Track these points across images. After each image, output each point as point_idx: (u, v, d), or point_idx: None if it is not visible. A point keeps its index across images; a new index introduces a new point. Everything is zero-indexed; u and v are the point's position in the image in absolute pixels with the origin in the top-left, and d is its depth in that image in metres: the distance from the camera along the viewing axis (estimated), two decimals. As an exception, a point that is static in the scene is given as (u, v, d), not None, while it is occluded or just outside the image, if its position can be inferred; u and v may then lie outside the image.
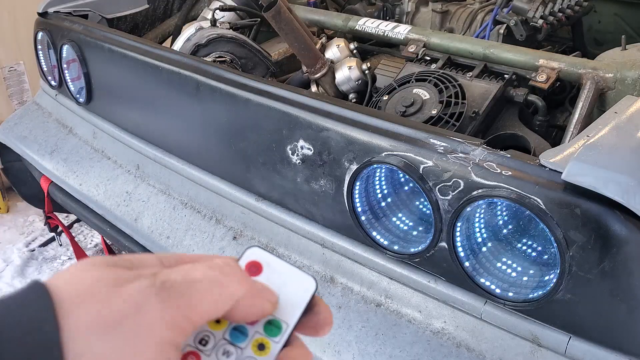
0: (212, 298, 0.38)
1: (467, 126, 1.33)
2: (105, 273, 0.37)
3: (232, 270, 0.41)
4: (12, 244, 2.67)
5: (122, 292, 0.35)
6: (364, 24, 1.75)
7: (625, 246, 0.87)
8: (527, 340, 1.02)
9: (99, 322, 0.34)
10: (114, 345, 0.34)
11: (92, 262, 0.38)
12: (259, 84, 1.30)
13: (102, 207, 1.68)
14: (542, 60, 1.41)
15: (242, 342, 0.41)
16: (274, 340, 0.41)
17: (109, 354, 0.34)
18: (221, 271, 0.40)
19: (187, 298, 0.37)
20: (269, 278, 0.43)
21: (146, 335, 0.35)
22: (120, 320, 0.35)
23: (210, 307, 0.38)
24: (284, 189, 1.30)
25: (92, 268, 0.37)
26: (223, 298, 0.39)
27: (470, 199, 0.98)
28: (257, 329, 0.42)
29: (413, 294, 1.15)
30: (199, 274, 0.39)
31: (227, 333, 0.41)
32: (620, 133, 0.97)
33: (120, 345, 0.34)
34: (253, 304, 0.41)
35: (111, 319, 0.35)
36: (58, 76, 1.86)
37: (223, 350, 0.40)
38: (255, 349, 0.41)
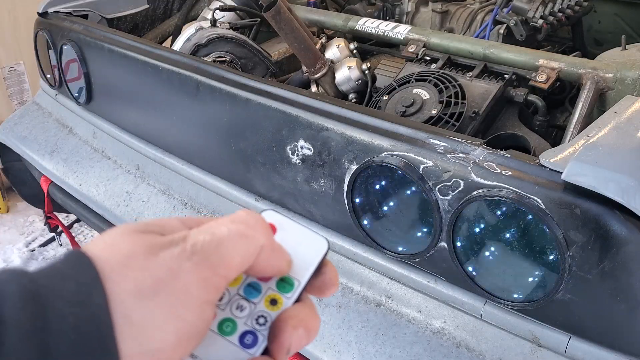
0: (240, 251, 0.40)
1: (467, 126, 1.33)
2: (140, 240, 0.38)
3: (256, 221, 0.42)
4: (12, 244, 2.67)
5: (157, 259, 0.37)
6: (364, 24, 1.75)
7: (625, 246, 0.87)
8: (527, 340, 1.02)
9: (140, 288, 0.36)
10: (157, 309, 0.36)
11: (126, 229, 0.39)
12: (259, 84, 1.30)
13: (102, 207, 1.67)
14: (542, 60, 1.41)
15: (255, 298, 0.42)
16: (286, 296, 0.43)
17: (153, 317, 0.36)
18: (245, 223, 0.41)
19: (217, 256, 0.38)
20: (282, 239, 0.45)
21: (184, 298, 0.37)
22: (158, 286, 0.36)
23: (239, 260, 0.40)
24: (284, 189, 1.30)
25: (126, 235, 0.38)
26: (250, 249, 0.40)
27: (470, 199, 0.98)
28: (270, 286, 0.43)
29: (413, 294, 1.15)
30: (224, 229, 0.40)
31: (241, 289, 0.43)
32: (620, 133, 0.97)
33: (163, 308, 0.36)
34: (272, 257, 0.42)
35: (150, 285, 0.36)
36: (58, 76, 1.86)
37: (237, 304, 0.42)
38: (268, 303, 0.42)
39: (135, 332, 0.35)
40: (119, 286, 0.35)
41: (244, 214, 0.42)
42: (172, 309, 0.36)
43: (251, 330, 0.41)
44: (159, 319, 0.36)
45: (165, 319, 0.36)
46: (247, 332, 0.41)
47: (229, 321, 0.41)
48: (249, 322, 0.42)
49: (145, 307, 0.35)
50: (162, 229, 0.40)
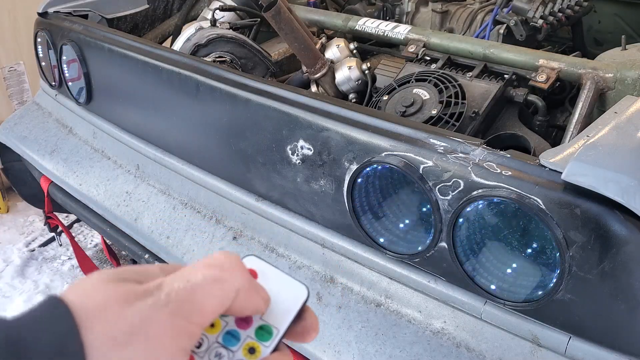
0: (214, 297, 0.40)
1: (467, 126, 1.33)
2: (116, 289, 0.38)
3: (232, 264, 0.42)
4: (12, 244, 2.67)
5: (132, 309, 0.37)
6: (364, 24, 1.75)
7: (625, 246, 0.87)
8: (527, 340, 1.02)
9: (115, 336, 0.36)
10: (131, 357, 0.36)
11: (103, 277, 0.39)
12: (259, 84, 1.30)
13: (102, 207, 1.67)
14: (542, 60, 1.41)
15: (234, 346, 0.43)
16: (265, 344, 0.43)
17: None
18: (221, 267, 0.41)
19: (191, 304, 0.39)
20: (263, 285, 0.45)
21: (158, 346, 0.37)
22: (132, 334, 0.37)
23: (214, 306, 0.40)
24: (284, 189, 1.30)
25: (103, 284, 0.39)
26: (225, 294, 0.41)
27: (470, 199, 0.98)
28: (249, 334, 0.43)
29: (413, 294, 1.15)
30: (199, 275, 0.40)
31: (220, 337, 0.43)
32: (620, 133, 0.97)
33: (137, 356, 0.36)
34: (249, 298, 0.42)
35: (125, 333, 0.36)
36: (58, 76, 1.86)
37: (215, 352, 0.42)
38: (246, 352, 0.43)
39: None
40: (94, 334, 0.36)
41: (221, 256, 0.42)
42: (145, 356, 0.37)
43: None
44: None
45: None
46: None
47: None
48: None
49: (119, 355, 0.36)
50: (138, 275, 0.40)
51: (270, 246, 1.36)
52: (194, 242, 1.46)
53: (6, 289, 2.37)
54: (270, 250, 1.35)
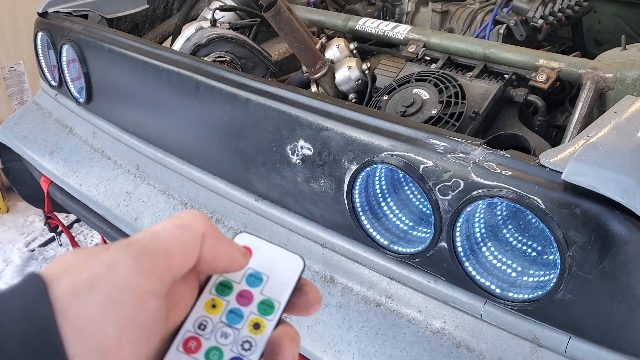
0: (177, 240, 0.40)
1: (467, 126, 1.33)
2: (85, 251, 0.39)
3: (191, 214, 0.43)
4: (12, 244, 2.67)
5: (96, 259, 0.38)
6: (364, 24, 1.75)
7: (625, 246, 0.87)
8: (527, 340, 1.02)
9: (75, 285, 0.36)
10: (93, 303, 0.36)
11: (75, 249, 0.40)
12: (259, 84, 1.30)
13: (102, 207, 1.68)
14: (542, 60, 1.41)
15: (238, 324, 0.43)
16: (268, 318, 0.43)
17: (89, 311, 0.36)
18: (180, 217, 0.42)
19: (154, 245, 0.39)
20: (258, 260, 0.46)
21: (122, 289, 0.37)
22: (94, 280, 0.36)
23: (179, 251, 0.40)
24: (284, 189, 1.30)
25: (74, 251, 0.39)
26: (187, 237, 0.41)
27: (470, 199, 0.98)
28: (252, 310, 0.44)
29: (413, 294, 1.15)
30: (159, 226, 0.41)
31: (223, 316, 0.44)
32: (620, 133, 0.97)
33: (99, 301, 0.36)
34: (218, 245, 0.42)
35: (86, 280, 0.36)
36: (58, 76, 1.86)
37: (221, 332, 0.43)
38: (251, 328, 0.43)
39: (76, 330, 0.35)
40: (58, 289, 0.36)
41: (183, 212, 0.43)
42: (108, 301, 0.36)
43: (237, 357, 0.42)
44: (94, 312, 0.36)
45: (101, 311, 0.36)
46: (233, 358, 0.42)
47: (215, 350, 0.42)
48: (234, 349, 0.42)
49: (80, 303, 0.36)
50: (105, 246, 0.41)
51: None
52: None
53: (6, 289, 2.37)
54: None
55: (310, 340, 1.16)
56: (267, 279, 0.45)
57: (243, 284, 0.45)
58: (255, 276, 0.45)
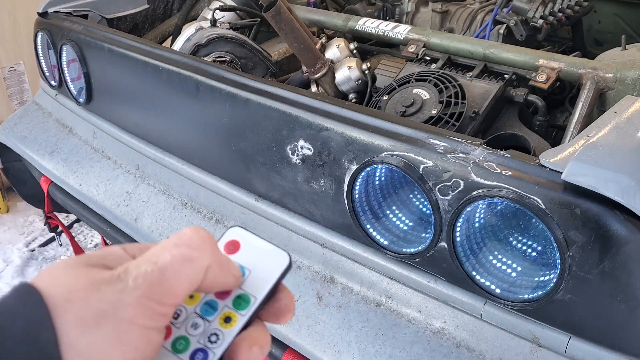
0: (184, 277, 0.40)
1: (467, 126, 1.33)
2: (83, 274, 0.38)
3: (201, 240, 0.42)
4: (12, 244, 2.67)
5: (99, 294, 0.38)
6: (364, 24, 1.75)
7: (625, 246, 0.87)
8: (527, 340, 1.02)
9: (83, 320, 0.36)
10: (102, 339, 0.37)
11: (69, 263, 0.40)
12: (259, 84, 1.30)
13: (102, 207, 1.67)
14: (542, 60, 1.41)
15: (210, 316, 0.43)
16: (241, 313, 0.43)
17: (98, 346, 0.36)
18: (189, 245, 0.41)
19: (161, 287, 0.39)
20: (245, 255, 0.46)
21: (129, 327, 0.37)
22: (101, 318, 0.37)
23: (184, 285, 0.40)
24: (284, 189, 1.30)
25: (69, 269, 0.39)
26: (195, 273, 0.41)
27: (470, 199, 0.98)
28: (227, 303, 0.44)
29: (413, 294, 1.15)
30: (167, 256, 0.40)
31: (198, 307, 0.44)
32: (620, 133, 0.97)
33: (108, 338, 0.37)
34: (219, 274, 0.42)
35: (93, 317, 0.37)
36: (58, 76, 1.86)
37: (192, 322, 0.43)
38: (222, 321, 0.43)
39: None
40: (63, 320, 0.36)
41: (189, 232, 0.42)
42: (117, 338, 0.37)
43: (202, 348, 0.42)
44: (104, 348, 0.37)
45: (110, 347, 0.37)
46: (198, 349, 0.42)
47: (182, 339, 0.42)
48: (201, 340, 0.42)
49: (89, 338, 0.36)
50: (104, 260, 0.41)
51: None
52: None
53: (6, 289, 2.37)
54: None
55: (310, 340, 1.16)
56: (249, 274, 0.45)
57: None
58: None
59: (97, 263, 0.40)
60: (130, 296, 0.38)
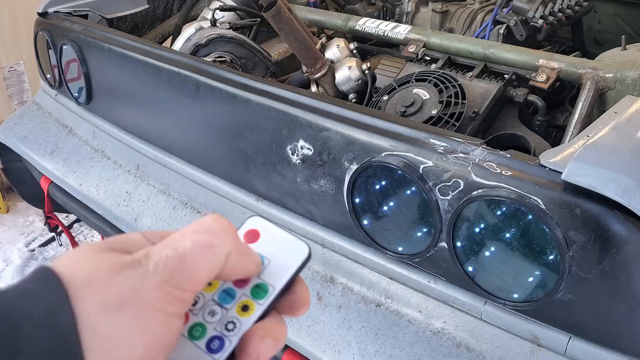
0: (205, 263, 0.40)
1: (467, 126, 1.33)
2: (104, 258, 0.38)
3: (221, 228, 0.42)
4: (12, 244, 2.67)
5: (120, 278, 0.38)
6: (364, 24, 1.75)
7: (625, 246, 0.87)
8: (527, 340, 1.02)
9: (105, 305, 0.36)
10: (123, 323, 0.37)
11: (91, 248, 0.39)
12: (259, 84, 1.30)
13: (102, 207, 1.67)
14: (542, 60, 1.41)
15: (228, 304, 0.43)
16: (259, 302, 0.43)
17: (120, 331, 0.36)
18: (209, 232, 0.41)
19: (181, 272, 0.39)
20: (265, 244, 0.46)
21: (150, 312, 0.37)
22: (123, 302, 0.37)
23: (205, 272, 0.40)
24: (284, 189, 1.30)
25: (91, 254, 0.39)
26: (215, 260, 0.41)
27: (470, 199, 0.98)
28: (245, 292, 0.44)
29: (413, 294, 1.15)
30: (187, 243, 0.40)
31: (216, 295, 0.44)
32: (620, 133, 0.97)
33: (129, 322, 0.37)
34: (239, 262, 0.42)
35: (115, 302, 0.37)
36: (58, 76, 1.86)
37: (210, 310, 0.43)
38: (239, 309, 0.43)
39: (103, 345, 0.36)
40: (84, 303, 0.36)
41: (209, 220, 0.42)
42: (138, 323, 0.37)
43: (219, 336, 0.42)
44: (125, 332, 0.36)
45: (132, 332, 0.37)
46: (214, 337, 0.42)
47: (199, 326, 0.42)
48: (218, 328, 0.42)
49: (111, 322, 0.36)
50: (125, 245, 0.40)
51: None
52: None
53: (6, 289, 2.36)
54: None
55: (310, 340, 1.16)
56: (268, 263, 0.45)
57: None
58: None
59: (118, 248, 0.40)
60: (151, 280, 0.38)
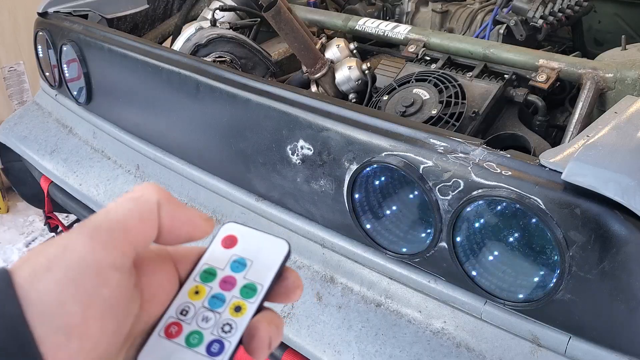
0: (133, 212, 0.40)
1: (467, 126, 1.33)
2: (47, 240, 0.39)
3: (144, 186, 0.42)
4: (12, 244, 2.67)
5: (52, 243, 0.37)
6: (364, 24, 1.75)
7: (625, 246, 0.87)
8: (527, 340, 1.02)
9: (34, 270, 0.36)
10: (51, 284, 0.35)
11: None
12: (259, 84, 1.30)
13: (102, 207, 1.67)
14: (542, 60, 1.41)
15: (220, 308, 0.44)
16: (250, 301, 0.44)
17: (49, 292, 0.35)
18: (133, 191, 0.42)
19: (109, 221, 0.39)
20: (244, 247, 0.46)
21: (80, 264, 0.36)
22: (51, 262, 0.36)
23: (135, 220, 0.40)
24: (284, 189, 1.30)
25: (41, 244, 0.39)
26: (143, 206, 0.41)
27: (470, 199, 0.98)
28: (234, 294, 0.44)
29: (413, 294, 1.15)
30: (113, 204, 0.41)
31: (206, 301, 0.44)
32: (620, 133, 0.97)
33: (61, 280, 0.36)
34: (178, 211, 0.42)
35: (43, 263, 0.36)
36: (58, 76, 1.86)
37: (202, 316, 0.43)
38: (233, 311, 0.43)
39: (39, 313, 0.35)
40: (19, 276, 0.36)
41: (136, 186, 0.43)
42: (66, 279, 0.36)
43: (217, 339, 0.42)
44: (54, 291, 0.35)
45: (60, 290, 0.35)
46: (213, 341, 0.42)
47: (195, 333, 0.42)
48: (215, 332, 0.42)
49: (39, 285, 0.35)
50: None
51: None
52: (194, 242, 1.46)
53: (6, 289, 2.37)
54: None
55: (310, 340, 1.16)
56: (251, 264, 0.45)
57: (227, 270, 0.45)
58: (239, 262, 0.46)
59: None
60: (79, 236, 0.37)
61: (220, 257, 0.46)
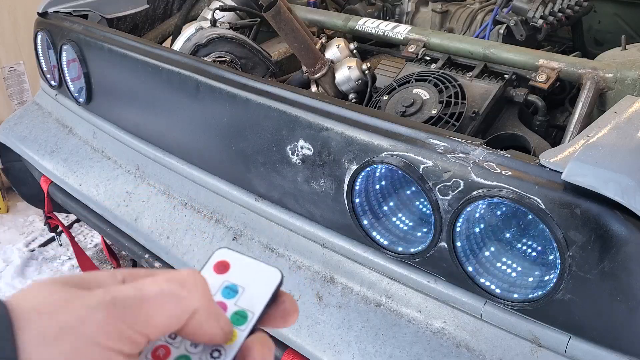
0: (166, 312, 0.39)
1: (467, 126, 1.33)
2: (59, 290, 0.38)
3: (194, 283, 0.41)
4: (12, 244, 2.67)
5: (69, 308, 0.36)
6: (364, 24, 1.75)
7: (625, 246, 0.87)
8: (527, 340, 1.02)
9: (44, 335, 0.35)
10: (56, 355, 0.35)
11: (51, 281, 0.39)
12: (259, 84, 1.30)
13: (102, 207, 1.67)
14: (542, 60, 1.41)
15: None
16: (240, 328, 0.43)
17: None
18: (182, 284, 0.40)
19: (137, 312, 0.38)
20: (236, 273, 0.46)
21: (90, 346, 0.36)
22: (63, 332, 0.36)
23: (164, 320, 0.39)
24: (284, 189, 1.30)
25: (47, 286, 0.38)
26: (178, 311, 0.39)
27: (470, 199, 0.98)
28: None
29: (413, 294, 1.15)
30: (154, 287, 0.39)
31: None
32: (620, 133, 0.97)
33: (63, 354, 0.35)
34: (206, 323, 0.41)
35: (55, 331, 0.36)
36: (58, 76, 1.86)
37: (191, 341, 0.42)
38: None
39: None
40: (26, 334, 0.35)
41: (185, 273, 0.41)
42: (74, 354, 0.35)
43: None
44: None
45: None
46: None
47: (183, 358, 0.42)
48: (203, 357, 0.42)
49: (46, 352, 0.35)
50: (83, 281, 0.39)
51: (270, 246, 1.36)
52: (194, 242, 1.46)
53: (6, 289, 2.37)
54: (270, 250, 1.35)
55: (310, 340, 1.16)
56: (243, 291, 0.45)
57: (218, 296, 0.45)
58: (230, 288, 0.45)
59: (75, 282, 0.39)
60: (100, 313, 0.37)
61: (211, 282, 0.45)
